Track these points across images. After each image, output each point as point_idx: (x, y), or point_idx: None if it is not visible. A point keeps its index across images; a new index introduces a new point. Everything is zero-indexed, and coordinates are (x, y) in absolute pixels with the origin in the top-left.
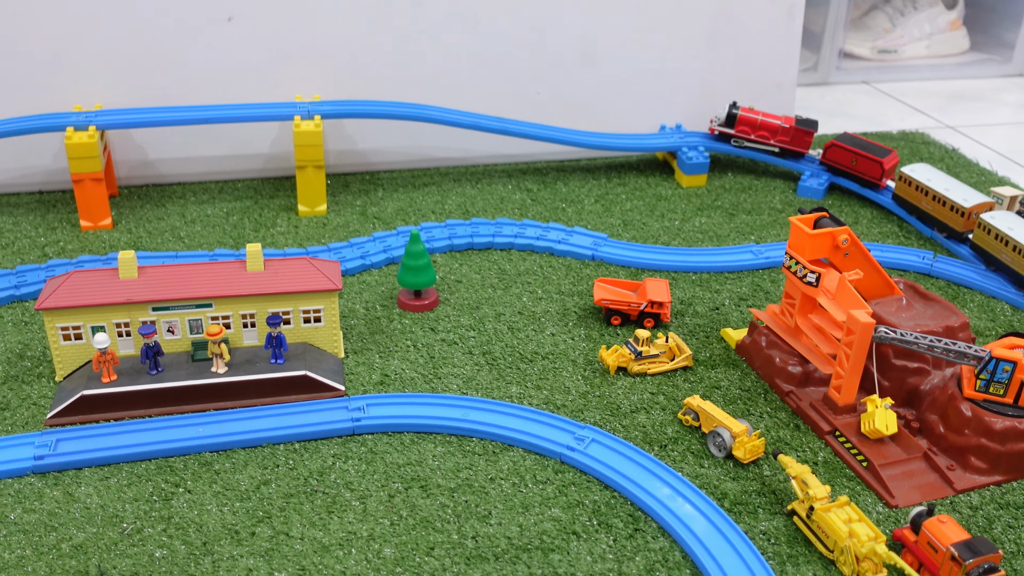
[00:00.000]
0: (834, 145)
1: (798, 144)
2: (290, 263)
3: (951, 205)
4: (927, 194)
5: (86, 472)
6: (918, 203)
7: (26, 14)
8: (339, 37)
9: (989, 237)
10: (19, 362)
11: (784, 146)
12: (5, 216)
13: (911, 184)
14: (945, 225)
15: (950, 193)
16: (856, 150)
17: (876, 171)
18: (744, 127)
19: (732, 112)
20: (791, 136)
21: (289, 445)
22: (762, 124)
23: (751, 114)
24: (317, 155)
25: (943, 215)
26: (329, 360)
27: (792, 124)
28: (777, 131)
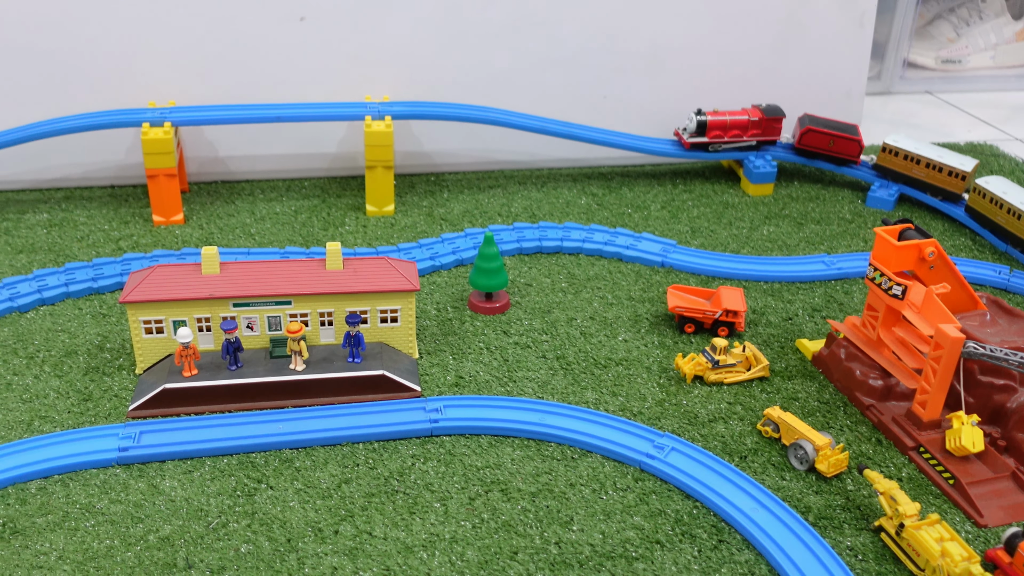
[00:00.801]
0: (810, 130)
1: (770, 133)
2: (369, 262)
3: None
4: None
5: (169, 465)
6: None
7: (104, 10)
8: (408, 38)
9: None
10: (99, 354)
11: (759, 139)
12: (80, 209)
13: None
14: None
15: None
16: (831, 132)
17: (854, 149)
18: (716, 131)
19: (702, 119)
20: (762, 128)
21: (368, 444)
22: (731, 124)
23: (717, 116)
24: (387, 155)
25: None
26: (404, 360)
27: (760, 115)
28: (748, 126)
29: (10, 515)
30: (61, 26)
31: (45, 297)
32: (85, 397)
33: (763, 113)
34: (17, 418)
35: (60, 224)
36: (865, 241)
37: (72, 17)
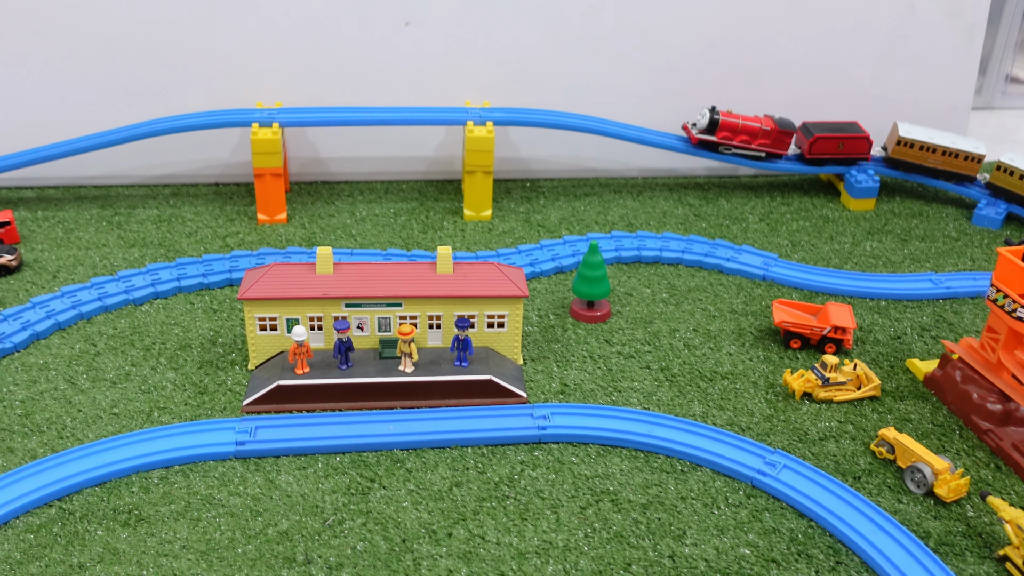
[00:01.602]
0: (819, 138)
1: (779, 146)
2: (479, 267)
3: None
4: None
5: (284, 460)
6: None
7: (216, 12)
8: (510, 43)
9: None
10: (212, 348)
11: (767, 149)
12: (187, 206)
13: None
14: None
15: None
16: (839, 135)
17: (864, 147)
18: (726, 132)
19: (715, 117)
20: (772, 138)
21: (477, 448)
22: (743, 128)
23: (731, 118)
24: (487, 161)
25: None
26: (509, 366)
27: (773, 126)
28: (758, 134)
29: (135, 502)
30: (173, 27)
31: (159, 291)
32: (201, 390)
33: (776, 124)
34: (138, 408)
35: (169, 220)
36: (972, 260)
37: (184, 18)
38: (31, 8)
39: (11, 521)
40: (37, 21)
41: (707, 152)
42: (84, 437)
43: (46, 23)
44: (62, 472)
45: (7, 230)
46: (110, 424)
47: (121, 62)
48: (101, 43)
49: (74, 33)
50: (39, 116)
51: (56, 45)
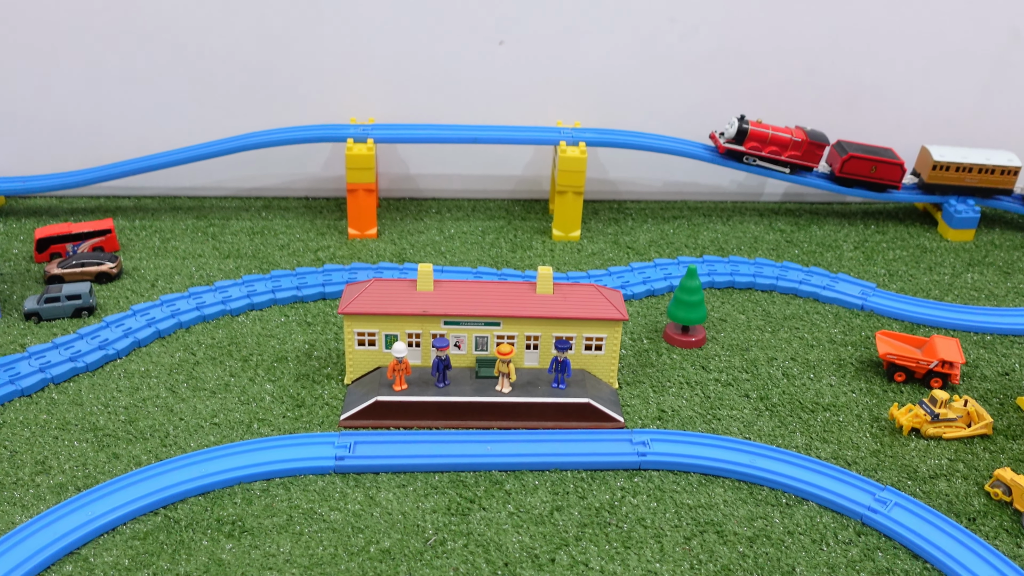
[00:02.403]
0: (852, 157)
1: (809, 158)
2: (578, 289)
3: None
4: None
5: (383, 477)
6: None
7: (311, 29)
8: (602, 65)
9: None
10: (307, 361)
11: (796, 161)
12: (278, 219)
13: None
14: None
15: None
16: (873, 157)
17: (897, 174)
18: (754, 142)
19: (743, 127)
20: (803, 150)
21: (576, 473)
22: (773, 139)
23: (761, 128)
24: (579, 181)
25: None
26: (605, 390)
27: (804, 137)
28: (788, 145)
29: (238, 513)
30: (269, 43)
31: (254, 303)
32: (298, 403)
33: (807, 136)
34: (237, 419)
35: (262, 232)
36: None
37: (280, 35)
38: (130, 24)
39: (118, 527)
40: (136, 37)
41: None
42: (186, 446)
43: (144, 39)
44: (167, 480)
45: (108, 238)
46: (211, 434)
47: (217, 77)
48: (199, 58)
49: (172, 49)
50: (137, 128)
51: (155, 60)
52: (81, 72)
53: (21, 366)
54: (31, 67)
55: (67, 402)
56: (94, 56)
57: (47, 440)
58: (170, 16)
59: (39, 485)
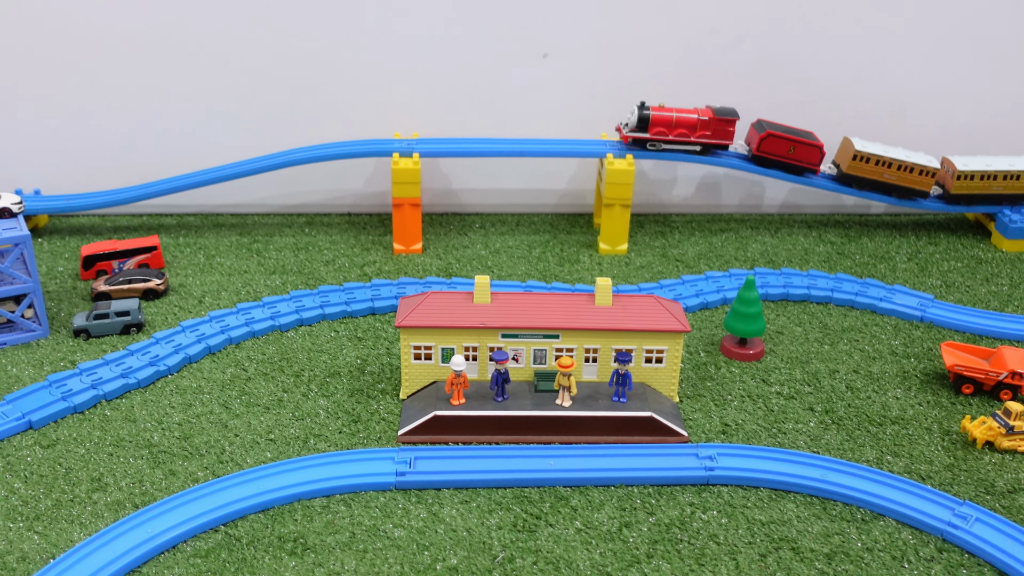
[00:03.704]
0: (770, 135)
1: (720, 136)
2: (638, 300)
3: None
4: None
5: (445, 493)
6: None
7: (351, 45)
8: (646, 76)
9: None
10: (360, 376)
11: (706, 141)
12: (322, 235)
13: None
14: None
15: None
16: (792, 138)
17: (816, 156)
18: (660, 127)
19: (644, 113)
20: (712, 129)
21: (643, 488)
22: (678, 121)
23: (664, 112)
24: (626, 194)
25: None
26: (666, 403)
27: (711, 115)
28: (696, 126)
29: (300, 531)
30: (312, 60)
31: (304, 318)
32: (354, 418)
33: (714, 113)
34: (293, 434)
35: (306, 248)
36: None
37: (322, 51)
38: (173, 43)
39: (178, 545)
40: (179, 55)
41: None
42: (243, 462)
43: (187, 57)
44: (226, 497)
45: (154, 255)
46: (267, 450)
47: (259, 94)
48: (241, 75)
49: (215, 67)
50: (179, 145)
51: (198, 78)
52: (124, 91)
53: (73, 383)
54: (75, 86)
55: (120, 418)
56: (137, 75)
57: (102, 457)
58: (213, 35)
59: (96, 502)
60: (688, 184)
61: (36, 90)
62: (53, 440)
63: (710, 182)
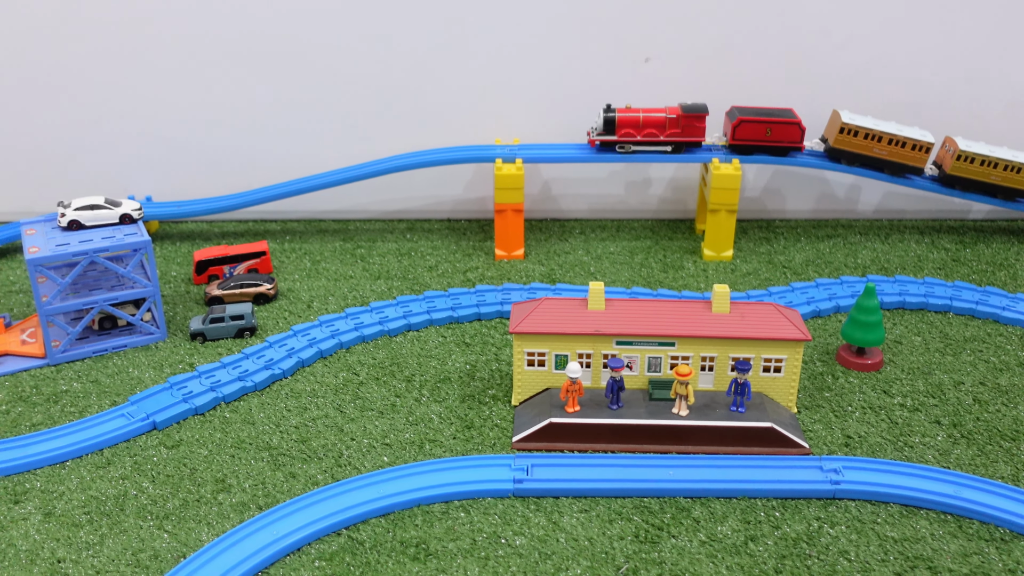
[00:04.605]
0: (743, 122)
1: (691, 133)
2: (756, 308)
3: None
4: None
5: (564, 501)
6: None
7: (455, 53)
8: (750, 80)
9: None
10: (470, 382)
11: (676, 139)
12: (423, 240)
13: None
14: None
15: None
16: (767, 119)
17: (795, 134)
18: (627, 129)
19: (609, 116)
20: (681, 127)
21: (767, 501)
22: (646, 121)
23: (631, 113)
24: (732, 199)
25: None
26: (784, 413)
27: (679, 113)
28: (665, 124)
29: (421, 536)
30: (414, 68)
31: (411, 323)
32: (467, 424)
33: (682, 110)
34: (408, 439)
35: (409, 253)
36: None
37: (425, 59)
38: (278, 52)
39: (303, 547)
40: (283, 64)
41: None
42: (361, 466)
43: (291, 66)
44: (348, 500)
45: (262, 260)
46: (383, 454)
47: (361, 101)
48: (345, 83)
49: (319, 75)
50: (284, 152)
51: (302, 86)
52: (231, 100)
53: (193, 385)
54: (186, 95)
55: (239, 421)
56: (243, 84)
57: (224, 458)
58: (317, 43)
59: (221, 503)
60: (797, 189)
61: (149, 100)
62: (177, 441)
63: (820, 187)
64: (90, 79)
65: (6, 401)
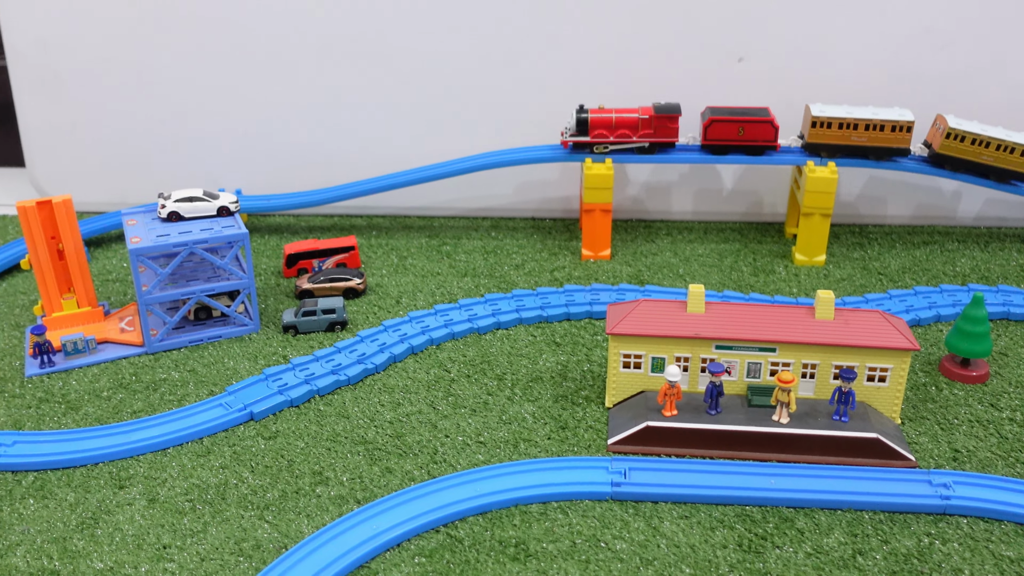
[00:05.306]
0: (714, 121)
1: (664, 133)
2: (861, 315)
3: None
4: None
5: (663, 506)
6: None
7: (540, 53)
8: (848, 81)
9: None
10: (562, 382)
11: (651, 139)
12: (508, 238)
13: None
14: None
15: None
16: (739, 118)
17: (769, 133)
18: (600, 130)
19: (582, 117)
20: (654, 127)
21: (874, 514)
22: (619, 122)
23: (603, 114)
24: (827, 203)
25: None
26: (888, 425)
27: (651, 113)
28: (637, 125)
29: (519, 536)
30: (503, 66)
31: (501, 321)
32: (561, 425)
33: (655, 111)
34: (502, 438)
35: (494, 251)
36: None
37: (514, 58)
38: (367, 49)
39: (402, 543)
40: (371, 61)
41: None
42: (456, 464)
43: (379, 63)
44: (446, 497)
45: (351, 255)
46: (478, 452)
47: (447, 98)
48: (430, 81)
49: (406, 71)
50: (371, 149)
51: (389, 82)
52: (320, 96)
53: (287, 377)
54: (276, 91)
55: (334, 414)
56: (331, 81)
57: (320, 451)
58: (405, 40)
59: (320, 496)
60: (894, 194)
61: (239, 95)
62: (274, 432)
63: (919, 195)
64: (183, 75)
65: (107, 388)
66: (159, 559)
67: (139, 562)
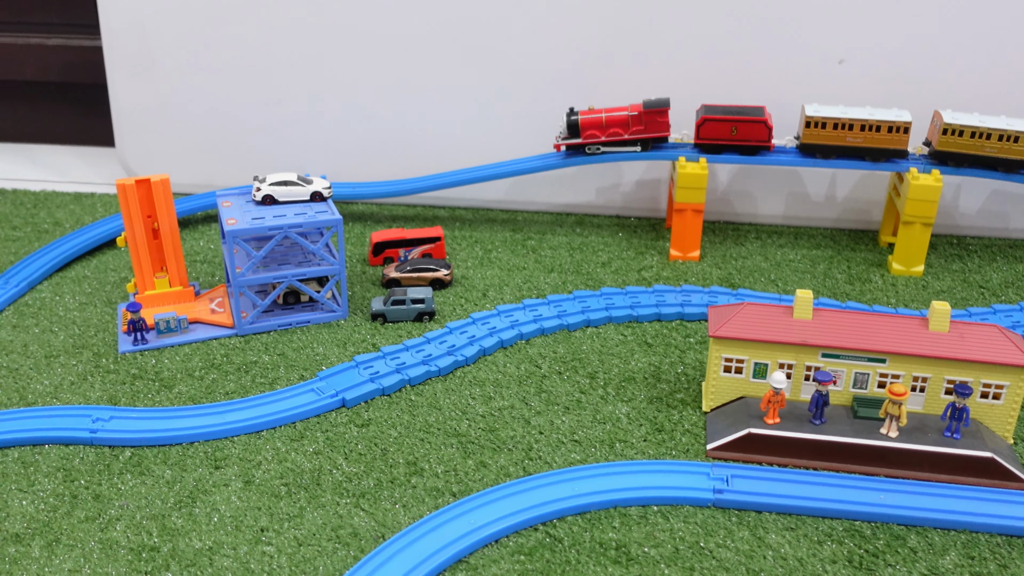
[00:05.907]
0: (707, 120)
1: (655, 128)
2: (978, 329)
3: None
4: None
5: (767, 517)
6: None
7: (628, 49)
8: (952, 82)
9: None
10: (656, 384)
11: (642, 136)
12: (593, 236)
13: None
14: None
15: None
16: (732, 117)
17: (763, 133)
18: (591, 131)
19: (572, 119)
20: (644, 123)
21: (990, 537)
22: (608, 121)
23: (593, 114)
24: (929, 212)
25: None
26: (1002, 444)
27: (640, 110)
28: (628, 123)
29: (620, 539)
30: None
31: (591, 319)
32: (657, 427)
33: (644, 107)
34: (597, 437)
35: (580, 248)
36: None
37: (602, 55)
38: (455, 42)
39: (501, 539)
40: (460, 53)
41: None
42: (552, 461)
43: (468, 56)
44: (544, 495)
45: (437, 246)
46: (573, 451)
47: (533, 94)
48: (521, 76)
49: (495, 66)
50: (456, 141)
51: (477, 77)
52: (407, 87)
53: (379, 365)
54: (362, 81)
55: (425, 405)
56: (419, 72)
57: (414, 441)
58: (493, 33)
59: (415, 487)
60: (987, 204)
61: (329, 81)
62: (366, 420)
63: (1011, 203)
64: (274, 61)
65: (199, 367)
66: (256, 542)
67: (238, 543)
